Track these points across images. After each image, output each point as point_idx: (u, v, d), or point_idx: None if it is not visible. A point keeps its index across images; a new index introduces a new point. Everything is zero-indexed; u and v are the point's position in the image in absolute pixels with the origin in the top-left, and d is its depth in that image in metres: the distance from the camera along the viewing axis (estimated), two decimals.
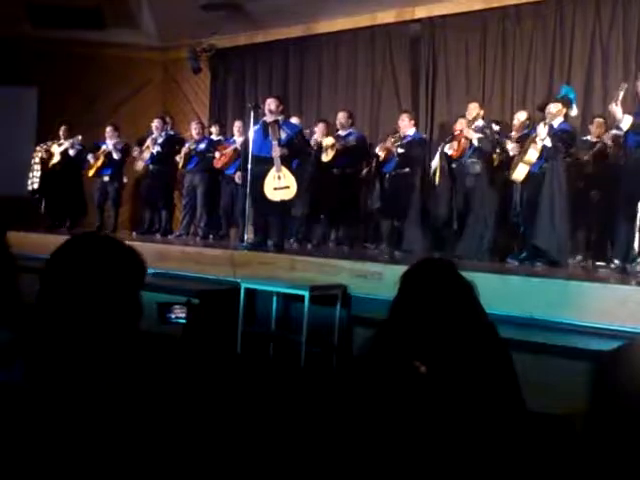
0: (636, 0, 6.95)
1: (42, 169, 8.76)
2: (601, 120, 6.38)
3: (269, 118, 6.35)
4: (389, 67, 8.56)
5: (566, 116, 5.95)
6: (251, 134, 6.47)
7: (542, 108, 6.16)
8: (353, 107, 8.69)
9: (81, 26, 9.19)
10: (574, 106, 5.93)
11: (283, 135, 6.33)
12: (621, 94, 5.20)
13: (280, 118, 6.48)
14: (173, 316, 1.79)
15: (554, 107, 5.81)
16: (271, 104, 6.37)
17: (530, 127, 6.48)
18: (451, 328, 1.51)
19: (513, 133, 6.58)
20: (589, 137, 6.41)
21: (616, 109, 5.14)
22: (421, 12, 8.20)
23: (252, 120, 6.50)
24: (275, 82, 9.49)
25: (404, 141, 6.80)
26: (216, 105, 10.11)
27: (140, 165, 8.18)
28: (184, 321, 1.78)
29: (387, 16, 8.43)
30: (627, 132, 5.20)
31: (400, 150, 6.77)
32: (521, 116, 6.71)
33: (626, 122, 5.11)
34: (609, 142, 5.98)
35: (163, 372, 1.42)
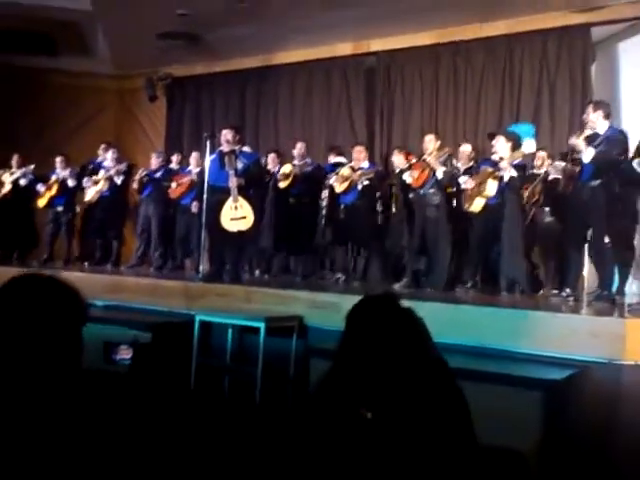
0: (581, 38, 7.27)
1: None
2: (544, 153, 6.59)
3: (226, 148, 6.33)
4: (345, 98, 8.69)
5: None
6: (207, 164, 6.44)
7: (491, 137, 6.34)
8: (309, 138, 8.77)
9: (32, 52, 9.04)
10: (525, 142, 6.02)
11: (240, 165, 6.32)
12: (586, 131, 5.30)
13: (237, 148, 6.48)
14: (118, 357, 1.75)
15: (498, 142, 5.93)
16: (227, 134, 6.36)
17: (476, 159, 6.64)
18: (397, 367, 1.50)
19: (459, 164, 6.68)
20: (534, 170, 6.58)
21: (578, 142, 5.24)
22: (376, 45, 8.40)
23: (208, 149, 6.47)
24: (232, 112, 9.51)
25: (371, 174, 6.82)
26: (172, 134, 10.05)
27: (94, 196, 8.00)
28: (129, 362, 1.74)
29: (344, 48, 8.60)
30: (584, 164, 5.26)
31: (366, 182, 6.79)
32: (466, 148, 6.84)
33: (588, 155, 5.16)
34: (557, 174, 6.13)
35: (107, 410, 1.39)
